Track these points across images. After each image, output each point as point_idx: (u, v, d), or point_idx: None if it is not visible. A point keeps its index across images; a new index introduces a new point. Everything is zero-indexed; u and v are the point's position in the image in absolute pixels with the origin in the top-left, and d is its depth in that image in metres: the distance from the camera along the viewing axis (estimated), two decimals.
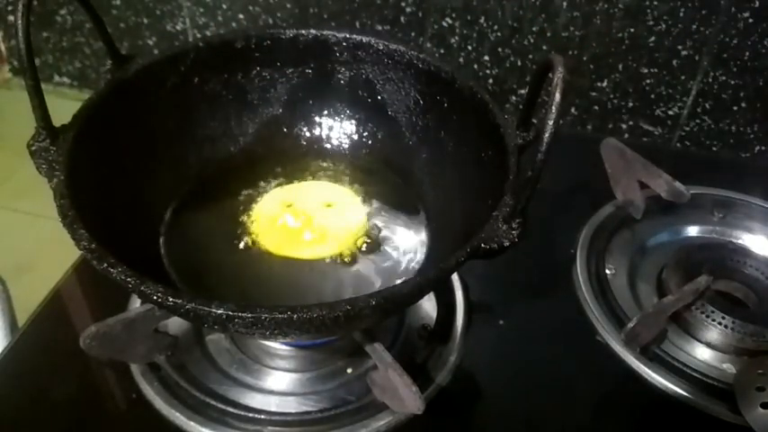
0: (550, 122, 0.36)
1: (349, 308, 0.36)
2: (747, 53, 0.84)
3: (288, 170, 0.60)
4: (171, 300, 0.37)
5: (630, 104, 0.93)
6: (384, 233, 0.55)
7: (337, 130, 0.62)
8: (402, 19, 0.94)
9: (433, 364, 0.54)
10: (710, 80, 0.88)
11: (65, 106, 0.48)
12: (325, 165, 0.61)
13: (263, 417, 0.50)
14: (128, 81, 0.52)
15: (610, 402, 0.55)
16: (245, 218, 0.56)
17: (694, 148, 0.94)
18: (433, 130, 0.57)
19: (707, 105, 0.90)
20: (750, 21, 0.81)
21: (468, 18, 0.91)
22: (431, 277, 0.41)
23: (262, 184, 0.59)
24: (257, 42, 0.57)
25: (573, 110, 0.96)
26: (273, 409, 0.51)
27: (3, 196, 1.14)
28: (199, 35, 1.07)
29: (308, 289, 0.52)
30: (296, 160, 0.60)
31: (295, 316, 0.36)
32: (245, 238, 0.54)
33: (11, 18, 1.19)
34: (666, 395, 0.53)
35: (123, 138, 0.51)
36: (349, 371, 0.53)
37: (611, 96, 0.93)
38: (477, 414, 0.53)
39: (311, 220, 0.55)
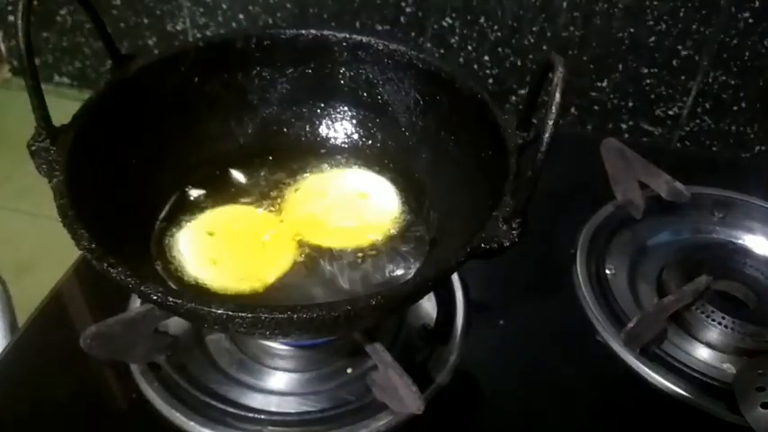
0: (550, 122, 0.36)
1: (349, 308, 0.36)
2: (747, 53, 0.84)
3: (287, 170, 0.60)
4: (171, 300, 0.37)
5: (630, 104, 0.93)
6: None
7: (337, 130, 0.62)
8: (402, 19, 0.94)
9: (433, 364, 0.54)
10: (710, 80, 0.88)
11: (65, 106, 0.48)
12: (324, 165, 0.61)
13: (263, 417, 0.50)
14: (128, 81, 0.52)
15: (610, 402, 0.55)
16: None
17: (694, 148, 0.94)
18: (433, 130, 0.57)
19: (707, 105, 0.90)
20: (750, 21, 0.81)
21: (468, 18, 0.91)
22: (431, 277, 0.41)
23: (261, 183, 0.59)
24: (257, 42, 0.57)
25: (573, 110, 0.96)
26: (273, 409, 0.51)
27: (3, 196, 1.14)
28: (199, 35, 1.07)
29: (308, 287, 0.52)
30: (296, 160, 0.60)
31: (295, 316, 0.36)
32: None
33: (11, 18, 1.19)
34: (666, 395, 0.53)
35: (123, 138, 0.51)
36: (349, 371, 0.53)
37: (611, 96, 0.93)
38: (477, 414, 0.52)
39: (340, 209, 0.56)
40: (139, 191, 0.52)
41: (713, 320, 0.57)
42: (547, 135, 0.36)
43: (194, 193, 0.57)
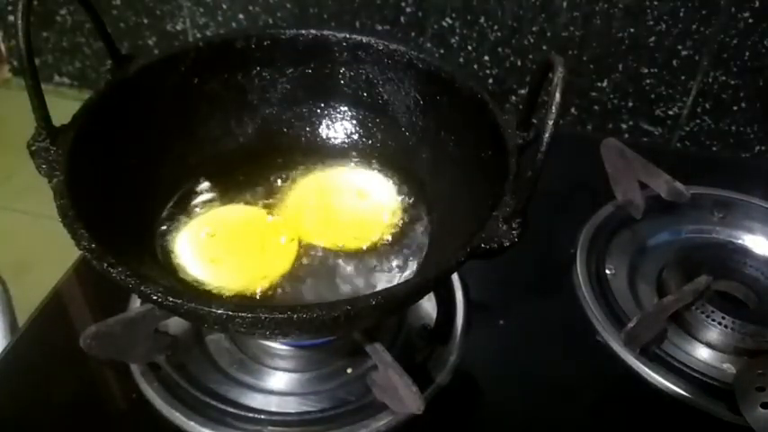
0: (550, 122, 0.36)
1: (349, 308, 0.36)
2: (747, 53, 0.84)
3: (287, 170, 0.60)
4: (171, 300, 0.37)
5: (630, 104, 0.93)
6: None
7: (337, 130, 0.62)
8: (402, 19, 0.94)
9: (433, 364, 0.54)
10: (710, 80, 0.88)
11: (65, 106, 0.48)
12: (325, 164, 0.61)
13: (263, 417, 0.50)
14: (128, 81, 0.52)
15: (610, 402, 0.55)
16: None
17: (694, 148, 0.94)
18: (433, 130, 0.57)
19: (707, 105, 0.90)
20: (750, 21, 0.81)
21: (468, 18, 0.91)
22: (431, 277, 0.41)
23: (261, 183, 0.59)
24: (257, 42, 0.57)
25: (573, 110, 0.96)
26: (273, 409, 0.51)
27: (3, 196, 1.14)
28: (199, 35, 1.07)
29: (309, 282, 0.52)
30: (296, 160, 0.60)
31: (295, 316, 0.36)
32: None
33: (11, 18, 1.19)
34: (666, 395, 0.53)
35: (123, 138, 0.51)
36: (349, 371, 0.53)
37: (611, 96, 0.93)
38: (477, 414, 0.52)
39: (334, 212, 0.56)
40: (139, 191, 0.52)
41: (713, 320, 0.57)
42: (547, 135, 0.36)
43: (194, 192, 0.57)
